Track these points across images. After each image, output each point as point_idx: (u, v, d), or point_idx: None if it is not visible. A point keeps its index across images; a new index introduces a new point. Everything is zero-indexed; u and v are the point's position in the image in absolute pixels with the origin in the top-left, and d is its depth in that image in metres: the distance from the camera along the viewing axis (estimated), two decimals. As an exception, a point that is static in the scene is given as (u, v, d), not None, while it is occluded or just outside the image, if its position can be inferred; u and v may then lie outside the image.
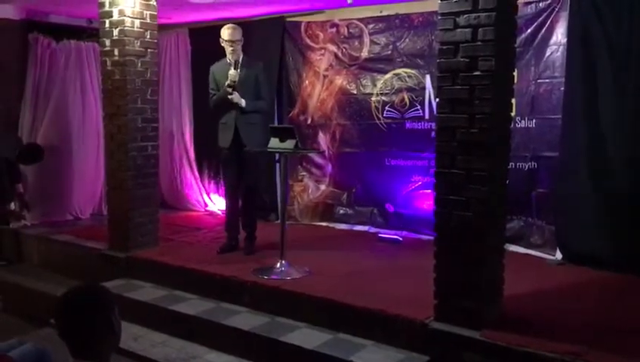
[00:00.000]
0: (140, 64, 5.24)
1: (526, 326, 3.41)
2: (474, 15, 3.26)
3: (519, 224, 5.28)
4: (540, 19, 5.04)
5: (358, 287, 4.20)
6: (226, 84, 4.93)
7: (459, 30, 3.33)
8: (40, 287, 5.31)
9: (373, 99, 6.05)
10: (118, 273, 5.11)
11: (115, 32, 5.14)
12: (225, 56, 5.12)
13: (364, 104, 6.12)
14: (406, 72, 5.86)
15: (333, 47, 6.28)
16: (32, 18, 6.63)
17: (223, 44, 5.06)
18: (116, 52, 5.17)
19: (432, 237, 3.64)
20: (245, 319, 4.13)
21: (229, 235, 5.27)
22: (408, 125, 5.87)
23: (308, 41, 6.40)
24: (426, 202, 5.57)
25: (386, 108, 5.97)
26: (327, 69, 6.33)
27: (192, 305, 4.41)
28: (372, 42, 6.04)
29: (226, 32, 5.01)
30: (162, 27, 6.40)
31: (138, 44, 5.21)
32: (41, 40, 6.62)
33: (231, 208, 5.26)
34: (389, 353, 3.55)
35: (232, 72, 4.93)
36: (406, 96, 5.86)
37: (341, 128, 6.30)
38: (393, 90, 5.93)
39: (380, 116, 6.01)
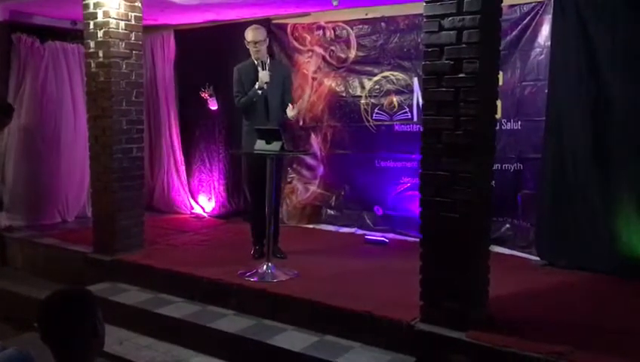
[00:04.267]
0: (124, 66, 5.21)
1: (511, 327, 3.44)
2: (458, 18, 3.29)
3: (505, 225, 5.31)
4: (525, 21, 5.09)
5: (344, 289, 4.20)
6: (257, 86, 4.85)
7: (444, 33, 3.34)
8: (24, 291, 5.25)
9: (362, 101, 6.07)
10: (103, 276, 5.07)
11: (100, 33, 5.11)
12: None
13: (353, 106, 6.13)
14: (394, 75, 5.88)
15: (320, 50, 6.29)
16: (16, 19, 6.56)
17: (247, 46, 4.98)
18: (101, 54, 5.13)
19: (418, 239, 3.65)
20: (231, 322, 4.11)
21: (261, 239, 4.97)
22: (397, 127, 5.89)
23: (295, 43, 6.40)
24: (415, 203, 5.59)
25: (376, 110, 5.99)
26: (315, 72, 6.34)
27: (178, 308, 4.39)
28: (359, 45, 6.05)
29: (249, 33, 4.93)
30: (148, 28, 6.37)
31: (123, 45, 5.18)
32: (25, 40, 6.55)
33: (261, 212, 4.83)
34: (376, 354, 3.56)
35: (263, 73, 4.85)
36: (394, 99, 5.88)
37: (332, 130, 6.31)
38: (382, 93, 5.95)
39: (370, 118, 6.03)
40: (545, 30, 4.96)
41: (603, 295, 4.18)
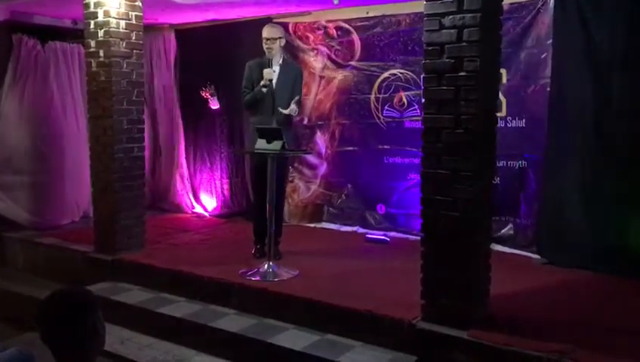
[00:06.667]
0: (125, 65, 5.20)
1: (513, 326, 3.43)
2: (459, 16, 3.28)
3: (507, 224, 5.31)
4: (528, 19, 5.07)
5: (345, 288, 4.20)
6: (261, 83, 4.83)
7: (444, 31, 3.34)
8: (25, 291, 5.25)
9: (372, 98, 6.07)
10: (104, 276, 5.07)
11: (100, 32, 5.11)
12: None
13: (363, 104, 6.14)
14: (401, 73, 5.89)
15: (324, 48, 6.30)
16: (16, 19, 6.56)
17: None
18: (101, 53, 5.13)
19: (420, 238, 3.65)
20: (233, 321, 4.12)
21: (262, 239, 4.97)
22: (407, 124, 5.90)
23: (298, 42, 6.41)
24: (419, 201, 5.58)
25: (386, 107, 6.00)
26: (322, 70, 6.35)
27: (179, 308, 4.39)
28: (363, 43, 6.06)
29: (264, 30, 4.98)
30: (148, 28, 6.37)
31: (124, 45, 5.17)
32: (26, 41, 6.54)
33: (263, 212, 4.80)
34: (377, 353, 3.56)
35: (266, 70, 4.83)
36: (403, 96, 5.89)
37: (341, 127, 6.32)
38: (391, 90, 5.95)
39: (381, 115, 6.04)
40: (548, 27, 4.95)
41: (604, 294, 4.17)
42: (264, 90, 4.85)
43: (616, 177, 4.51)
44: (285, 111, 4.83)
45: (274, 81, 4.91)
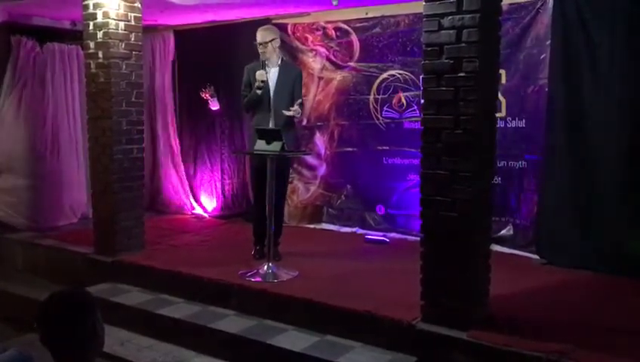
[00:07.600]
0: (124, 66, 5.20)
1: (513, 326, 3.43)
2: (458, 17, 3.29)
3: (506, 224, 5.31)
4: (527, 20, 5.07)
5: (345, 289, 4.20)
6: (255, 85, 4.84)
7: (443, 32, 3.35)
8: (24, 292, 5.24)
9: (371, 99, 6.08)
10: (104, 277, 5.06)
11: (100, 34, 5.11)
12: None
13: (362, 104, 6.14)
14: (400, 73, 5.89)
15: (323, 49, 6.30)
16: (15, 20, 6.55)
17: None
18: (100, 54, 5.13)
19: (419, 239, 3.65)
20: (232, 322, 4.11)
21: (262, 240, 4.98)
22: (407, 125, 5.90)
23: (297, 43, 6.41)
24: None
25: (385, 108, 6.00)
26: (321, 71, 6.35)
27: (179, 309, 4.39)
28: (362, 44, 6.06)
29: (257, 34, 4.95)
30: (147, 29, 6.37)
31: (123, 46, 5.17)
32: (24, 42, 6.54)
33: (263, 213, 4.82)
34: (377, 354, 3.56)
35: (259, 72, 4.84)
36: (402, 97, 5.89)
37: (340, 128, 6.32)
38: (390, 91, 5.96)
39: (380, 116, 6.04)
40: (547, 28, 4.95)
41: (603, 294, 4.17)
42: (258, 92, 4.85)
43: (615, 177, 4.51)
44: (288, 113, 4.83)
45: (273, 83, 4.91)
